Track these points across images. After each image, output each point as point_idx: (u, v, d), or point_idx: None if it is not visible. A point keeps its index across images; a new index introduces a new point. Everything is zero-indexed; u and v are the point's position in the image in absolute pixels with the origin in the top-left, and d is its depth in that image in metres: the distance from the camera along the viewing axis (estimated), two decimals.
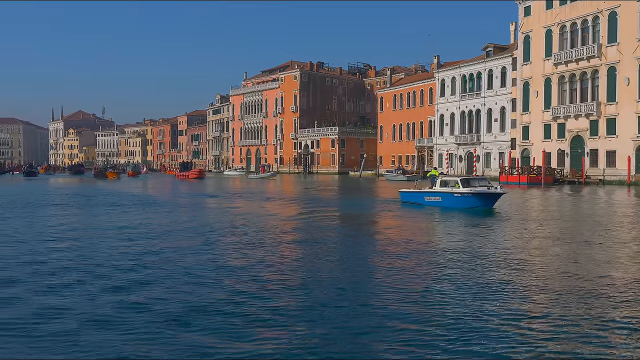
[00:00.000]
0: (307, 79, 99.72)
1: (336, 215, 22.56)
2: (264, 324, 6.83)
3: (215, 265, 10.76)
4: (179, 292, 8.43)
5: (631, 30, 47.11)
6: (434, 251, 12.54)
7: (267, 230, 16.34)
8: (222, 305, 7.67)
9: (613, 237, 14.86)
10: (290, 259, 11.54)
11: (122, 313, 7.26)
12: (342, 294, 8.42)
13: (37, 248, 12.92)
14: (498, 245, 13.54)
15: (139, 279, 9.39)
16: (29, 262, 10.99)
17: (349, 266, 10.78)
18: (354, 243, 14.12)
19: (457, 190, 22.97)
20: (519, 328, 6.63)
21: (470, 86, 68.24)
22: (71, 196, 34.81)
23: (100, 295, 8.23)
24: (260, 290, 8.64)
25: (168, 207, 25.53)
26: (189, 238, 14.66)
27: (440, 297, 8.11)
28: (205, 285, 8.98)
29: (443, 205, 23.49)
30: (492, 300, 7.88)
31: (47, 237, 14.85)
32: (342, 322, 6.88)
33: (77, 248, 13.05)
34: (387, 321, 6.87)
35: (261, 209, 24.50)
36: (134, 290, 8.54)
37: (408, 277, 9.52)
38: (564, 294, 8.31)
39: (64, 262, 11.06)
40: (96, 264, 10.83)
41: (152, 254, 12.05)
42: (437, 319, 6.94)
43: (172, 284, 9.04)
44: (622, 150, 47.51)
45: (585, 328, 6.63)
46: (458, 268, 10.37)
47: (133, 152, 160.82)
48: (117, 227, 16.99)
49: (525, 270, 10.21)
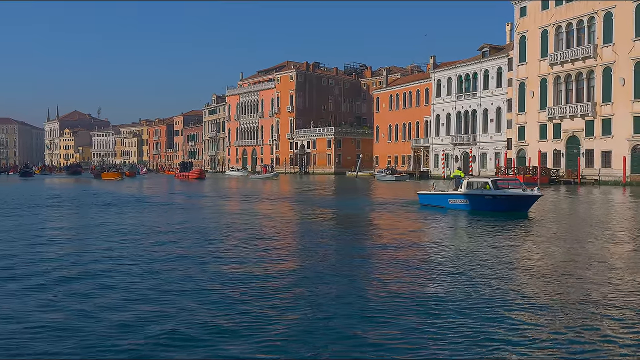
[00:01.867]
0: (303, 79, 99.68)
1: (356, 220, 20.66)
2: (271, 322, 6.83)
3: (256, 271, 10.52)
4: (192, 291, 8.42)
5: (626, 31, 47.26)
6: (480, 261, 11.15)
7: (303, 238, 15.10)
8: (225, 306, 7.67)
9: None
10: (328, 267, 10.79)
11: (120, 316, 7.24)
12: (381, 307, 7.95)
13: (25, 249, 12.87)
14: (549, 255, 12.07)
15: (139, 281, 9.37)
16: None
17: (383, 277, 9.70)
18: (383, 252, 12.58)
19: (488, 192, 21.12)
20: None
21: (466, 86, 68.35)
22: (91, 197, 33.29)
23: (102, 296, 8.21)
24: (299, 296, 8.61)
25: (198, 213, 22.82)
26: (221, 244, 13.91)
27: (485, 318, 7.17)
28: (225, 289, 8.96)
29: (470, 208, 21.69)
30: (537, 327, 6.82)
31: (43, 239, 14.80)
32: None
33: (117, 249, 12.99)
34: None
35: (291, 213, 23.06)
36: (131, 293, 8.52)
37: (452, 295, 8.40)
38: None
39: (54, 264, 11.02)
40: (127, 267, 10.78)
41: (166, 258, 12.02)
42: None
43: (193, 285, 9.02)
44: (618, 151, 47.66)
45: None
46: (506, 281, 9.31)
47: (129, 152, 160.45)
48: (145, 231, 16.61)
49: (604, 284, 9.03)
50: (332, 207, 26.10)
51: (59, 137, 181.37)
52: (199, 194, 38.54)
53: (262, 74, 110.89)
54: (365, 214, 22.97)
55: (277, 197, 34.60)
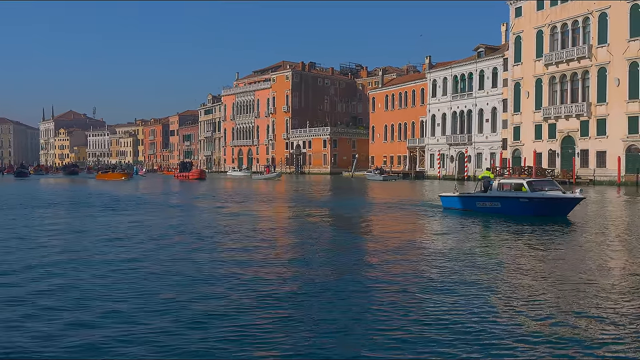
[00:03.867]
0: (299, 79, 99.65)
1: (375, 225, 18.63)
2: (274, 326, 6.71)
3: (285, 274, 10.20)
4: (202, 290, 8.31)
5: (621, 31, 47.37)
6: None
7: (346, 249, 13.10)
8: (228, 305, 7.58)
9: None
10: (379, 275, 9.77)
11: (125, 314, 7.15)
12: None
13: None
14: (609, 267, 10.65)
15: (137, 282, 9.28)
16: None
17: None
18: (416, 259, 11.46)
19: (524, 194, 19.38)
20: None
21: (461, 87, 68.42)
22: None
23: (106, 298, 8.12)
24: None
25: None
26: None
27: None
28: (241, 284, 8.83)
29: (503, 212, 19.91)
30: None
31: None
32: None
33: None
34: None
35: (324, 220, 20.20)
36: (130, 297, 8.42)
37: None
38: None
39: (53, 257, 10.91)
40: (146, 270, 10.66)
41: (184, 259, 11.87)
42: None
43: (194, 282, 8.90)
44: (612, 151, 47.77)
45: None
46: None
47: (124, 152, 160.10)
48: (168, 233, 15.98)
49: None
50: (351, 211, 23.65)
51: (54, 137, 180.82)
52: (221, 196, 34.39)
53: (258, 74, 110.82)
54: (386, 218, 20.63)
55: (300, 200, 31.30)
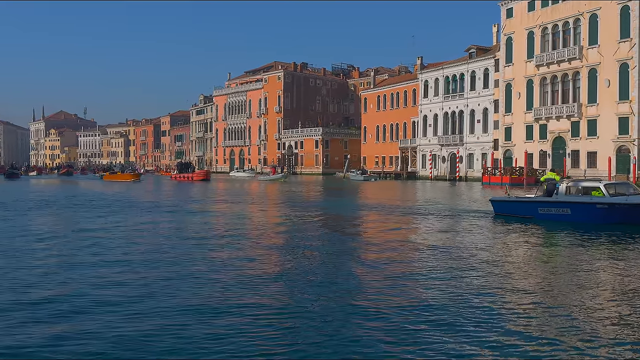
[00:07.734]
0: (291, 79, 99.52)
1: (434, 232, 16.08)
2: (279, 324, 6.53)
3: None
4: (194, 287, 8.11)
5: (612, 33, 47.59)
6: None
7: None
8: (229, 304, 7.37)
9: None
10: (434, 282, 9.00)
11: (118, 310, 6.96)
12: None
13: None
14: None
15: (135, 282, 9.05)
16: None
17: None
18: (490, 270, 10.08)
19: (601, 200, 16.80)
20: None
21: (453, 87, 68.54)
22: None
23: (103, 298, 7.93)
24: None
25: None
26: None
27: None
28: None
29: (574, 220, 17.22)
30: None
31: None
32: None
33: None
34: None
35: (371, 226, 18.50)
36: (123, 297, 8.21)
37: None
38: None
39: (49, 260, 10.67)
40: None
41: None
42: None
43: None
44: (603, 151, 47.99)
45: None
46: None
47: (115, 152, 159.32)
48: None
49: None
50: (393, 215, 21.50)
51: (45, 137, 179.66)
52: (252, 200, 31.80)
53: (250, 74, 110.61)
54: (438, 227, 17.49)
55: (321, 204, 29.01)
